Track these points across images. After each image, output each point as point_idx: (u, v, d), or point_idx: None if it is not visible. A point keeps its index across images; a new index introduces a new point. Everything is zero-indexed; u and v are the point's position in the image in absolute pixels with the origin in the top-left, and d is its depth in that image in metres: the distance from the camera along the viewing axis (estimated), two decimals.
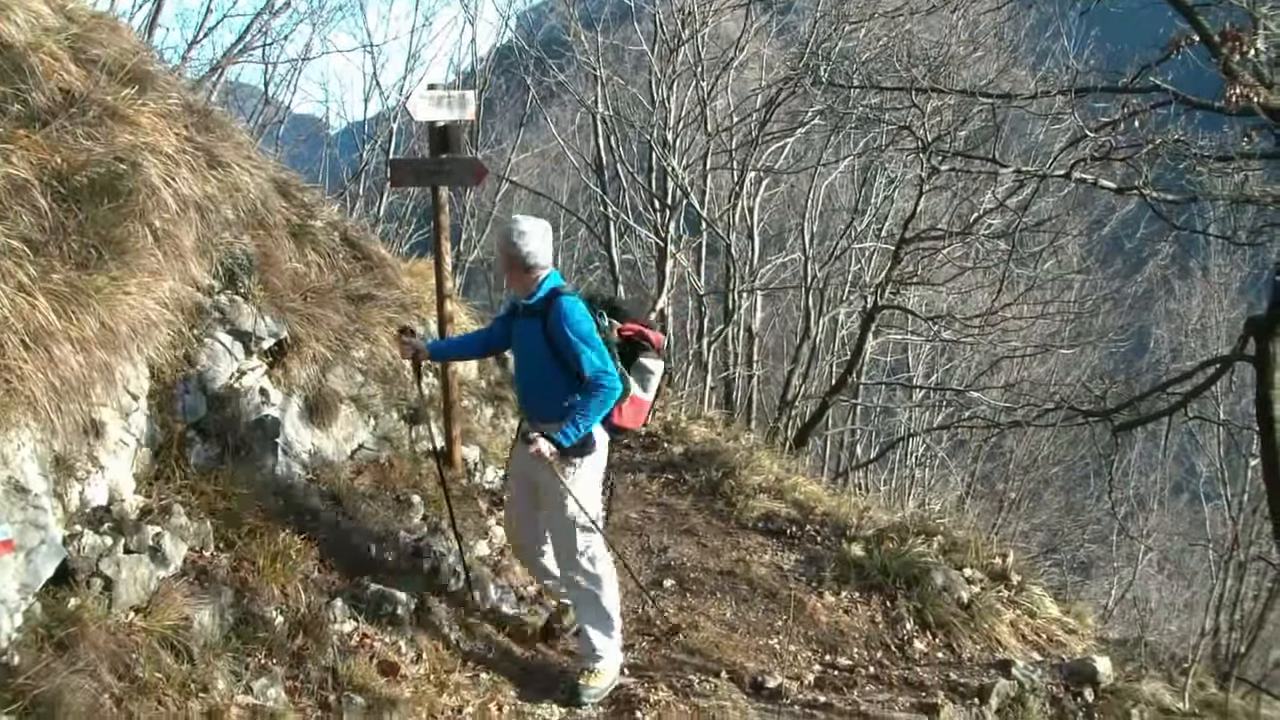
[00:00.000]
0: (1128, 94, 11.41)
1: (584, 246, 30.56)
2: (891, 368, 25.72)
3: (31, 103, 5.18)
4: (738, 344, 21.77)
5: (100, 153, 5.24)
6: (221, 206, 6.59)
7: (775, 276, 23.78)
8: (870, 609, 8.08)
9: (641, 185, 21.20)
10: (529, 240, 5.86)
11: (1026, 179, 14.42)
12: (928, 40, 17.05)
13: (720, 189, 21.55)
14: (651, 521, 9.61)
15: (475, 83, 22.59)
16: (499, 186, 25.11)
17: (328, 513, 6.85)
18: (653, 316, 17.53)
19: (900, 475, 25.12)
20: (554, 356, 5.84)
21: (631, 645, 7.20)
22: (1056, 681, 7.22)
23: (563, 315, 5.77)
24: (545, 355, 5.87)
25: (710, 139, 19.86)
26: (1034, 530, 26.67)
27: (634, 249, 23.55)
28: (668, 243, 18.82)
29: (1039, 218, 17.79)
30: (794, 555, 8.95)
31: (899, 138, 16.86)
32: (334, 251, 8.39)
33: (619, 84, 20.95)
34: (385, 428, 8.09)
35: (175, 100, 6.58)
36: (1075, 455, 26.70)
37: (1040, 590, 8.88)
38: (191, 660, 4.90)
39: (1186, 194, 11.79)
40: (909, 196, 19.26)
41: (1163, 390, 14.09)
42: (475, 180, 9.20)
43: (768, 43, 22.16)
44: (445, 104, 8.09)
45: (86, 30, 6.09)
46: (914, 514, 11.34)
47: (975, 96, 14.30)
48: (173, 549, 5.23)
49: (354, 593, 6.25)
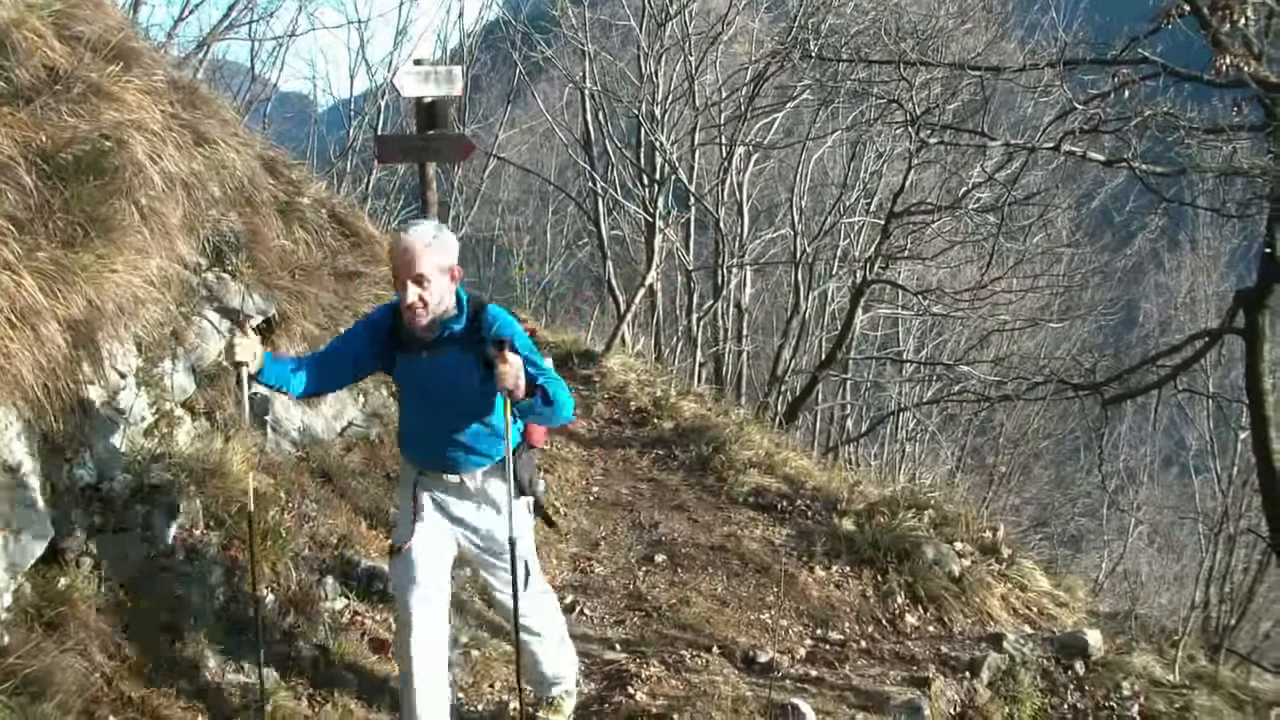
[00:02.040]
0: (1117, 66, 11.38)
1: (572, 223, 30.52)
2: (881, 342, 25.73)
3: (15, 80, 5.14)
4: (727, 319, 21.76)
5: (85, 130, 5.20)
6: (208, 184, 6.56)
7: (765, 251, 23.78)
8: (861, 583, 8.10)
9: (630, 161, 21.14)
10: (452, 240, 4.65)
11: (1015, 152, 14.40)
12: (916, 14, 17.01)
13: (709, 164, 21.50)
14: (642, 497, 9.63)
15: (462, 58, 22.53)
16: (486, 163, 25.09)
17: (318, 490, 6.84)
18: (641, 292, 17.51)
19: (891, 450, 25.15)
20: (491, 390, 4.54)
21: (623, 620, 7.22)
22: (1047, 654, 7.24)
23: (513, 335, 4.56)
24: (482, 389, 4.61)
25: (698, 114, 19.80)
26: (1024, 504, 26.78)
27: (623, 225, 23.52)
28: (656, 218, 18.76)
29: (1028, 191, 17.81)
30: (785, 530, 8.97)
31: (888, 111, 16.82)
32: (322, 229, 8.36)
33: (607, 59, 20.88)
34: (375, 404, 8.09)
35: (161, 77, 6.53)
36: (1065, 429, 26.82)
37: (1031, 564, 8.91)
38: (182, 639, 4.89)
39: (1176, 167, 11.78)
40: (898, 171, 19.28)
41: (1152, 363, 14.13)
42: (462, 156, 9.20)
43: (756, 17, 22.07)
44: (432, 80, 8.07)
45: (70, 6, 6.03)
46: (904, 488, 11.36)
47: (964, 70, 14.28)
48: (162, 527, 5.22)
49: (344, 570, 6.25)
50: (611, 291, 20.67)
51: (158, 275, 5.42)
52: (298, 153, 14.23)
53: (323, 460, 7.12)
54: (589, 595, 7.65)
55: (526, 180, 30.17)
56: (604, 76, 20.79)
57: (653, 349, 19.76)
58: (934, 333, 25.92)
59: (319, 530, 6.46)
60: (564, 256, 29.59)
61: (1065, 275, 22.22)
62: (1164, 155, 11.90)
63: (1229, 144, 11.16)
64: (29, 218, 4.64)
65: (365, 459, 7.61)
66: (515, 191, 32.12)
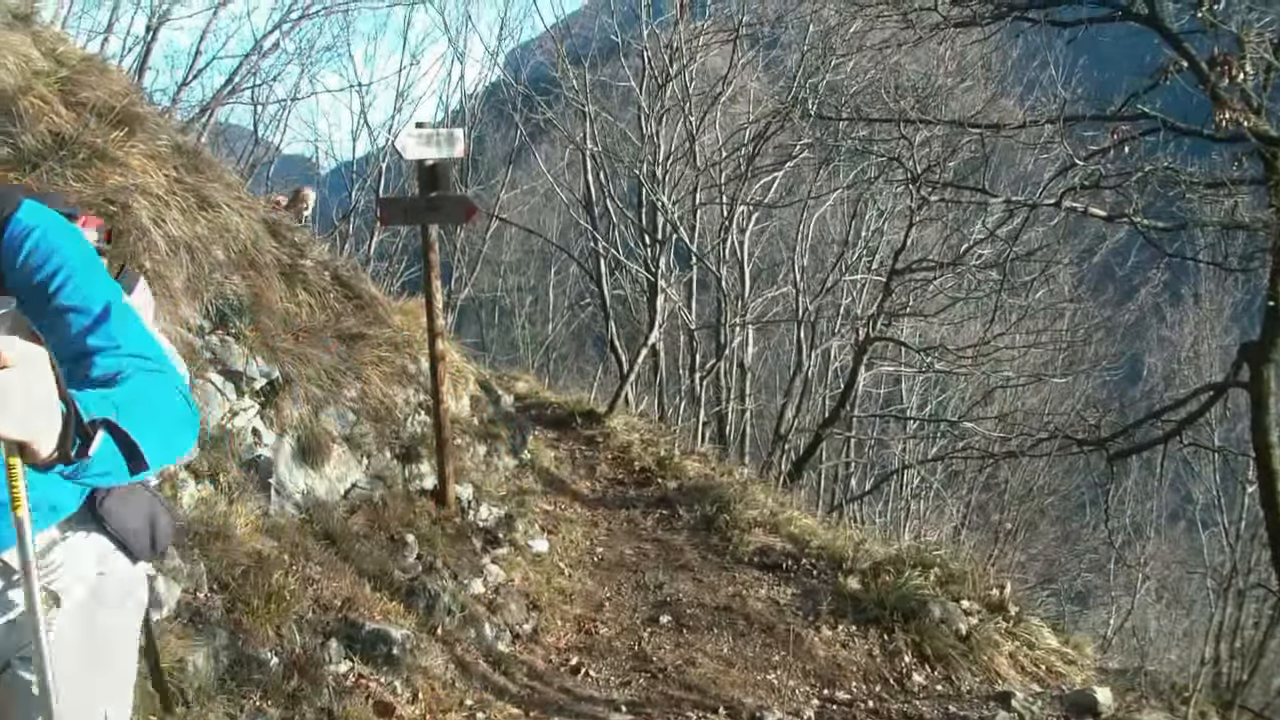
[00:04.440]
0: (1116, 122, 11.45)
1: (575, 283, 30.62)
2: (885, 399, 25.74)
3: (22, 145, 5.17)
4: (730, 378, 21.76)
5: (90, 194, 5.23)
6: (212, 247, 6.58)
7: (767, 310, 23.81)
8: (868, 642, 8.04)
9: (631, 220, 21.25)
10: None
11: (1016, 208, 14.47)
12: (915, 72, 17.14)
13: (710, 223, 21.61)
14: (646, 558, 9.59)
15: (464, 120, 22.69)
16: (489, 224, 25.20)
17: (322, 553, 6.81)
18: (644, 352, 17.54)
19: (895, 507, 25.07)
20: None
21: (629, 682, 7.16)
22: (1057, 713, 7.18)
23: None
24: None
25: (699, 173, 19.92)
26: (1031, 560, 26.59)
27: (625, 284, 23.58)
28: (658, 278, 18.84)
29: (1029, 247, 17.86)
30: (790, 589, 8.92)
31: (888, 169, 16.92)
32: (325, 291, 8.38)
33: (607, 120, 21.02)
34: (378, 467, 8.06)
35: (165, 141, 6.58)
36: (1070, 484, 26.72)
37: (1038, 621, 8.86)
38: (186, 703, 4.85)
39: (1177, 221, 11.81)
40: (899, 228, 19.33)
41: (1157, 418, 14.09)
42: (465, 218, 9.21)
43: (755, 77, 22.27)
44: (434, 142, 8.10)
45: (76, 73, 6.09)
46: (910, 546, 11.30)
47: (964, 127, 14.36)
48: (166, 591, 5.18)
49: (349, 633, 6.21)
50: (614, 351, 20.69)
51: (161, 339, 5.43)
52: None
53: (326, 523, 7.09)
54: (594, 657, 7.59)
55: (529, 241, 30.30)
56: (605, 137, 20.93)
57: (656, 408, 19.78)
58: (937, 389, 25.91)
59: (322, 593, 6.41)
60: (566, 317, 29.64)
61: (1068, 330, 22.27)
62: (1165, 210, 11.94)
63: (1230, 198, 11.19)
64: None
65: (369, 521, 7.58)
66: (517, 252, 32.27)
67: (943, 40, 15.44)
